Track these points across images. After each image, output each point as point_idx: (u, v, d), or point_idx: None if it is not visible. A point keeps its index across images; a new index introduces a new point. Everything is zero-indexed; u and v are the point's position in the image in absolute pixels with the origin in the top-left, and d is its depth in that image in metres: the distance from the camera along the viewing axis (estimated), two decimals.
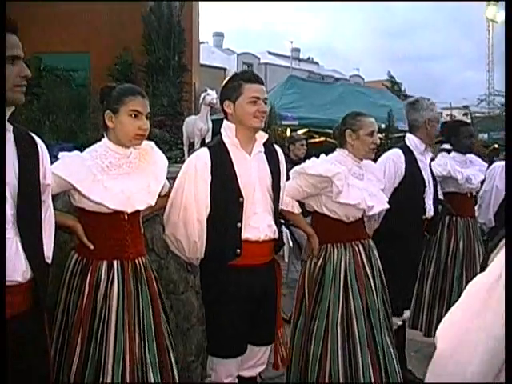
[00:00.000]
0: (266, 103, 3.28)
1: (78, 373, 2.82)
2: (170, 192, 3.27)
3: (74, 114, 9.99)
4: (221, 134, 3.35)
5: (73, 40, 12.22)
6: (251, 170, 3.29)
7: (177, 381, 3.04)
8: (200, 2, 15.34)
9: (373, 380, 3.59)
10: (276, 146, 3.54)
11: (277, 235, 3.38)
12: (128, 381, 2.82)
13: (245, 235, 3.24)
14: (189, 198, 3.21)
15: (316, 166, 3.73)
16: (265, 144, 3.39)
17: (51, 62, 10.91)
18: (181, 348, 4.16)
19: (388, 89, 22.67)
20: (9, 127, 2.30)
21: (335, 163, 3.76)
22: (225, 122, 3.36)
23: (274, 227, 3.35)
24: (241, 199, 3.22)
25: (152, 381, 2.88)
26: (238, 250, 3.21)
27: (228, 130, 3.31)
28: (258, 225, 3.28)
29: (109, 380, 2.79)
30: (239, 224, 3.22)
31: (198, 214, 3.22)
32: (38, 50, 9.29)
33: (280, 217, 3.53)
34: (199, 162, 3.24)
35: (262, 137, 3.36)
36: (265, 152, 3.38)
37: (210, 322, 3.41)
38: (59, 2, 12.54)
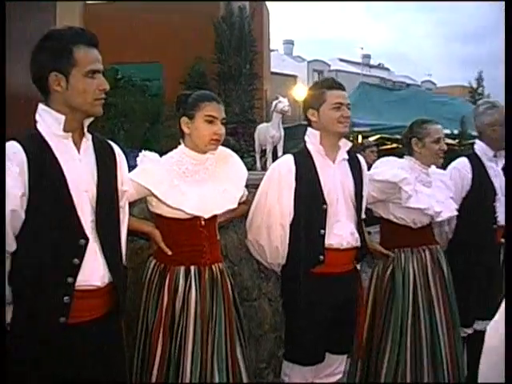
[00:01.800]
0: (349, 109, 3.29)
1: (159, 376, 2.86)
2: (247, 199, 3.29)
3: (148, 123, 10.18)
4: (305, 141, 3.36)
5: (147, 51, 12.48)
6: (335, 177, 3.30)
7: None
8: (270, 11, 15.38)
9: None
10: (358, 155, 3.53)
11: (359, 243, 3.36)
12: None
13: (328, 242, 3.23)
14: (272, 204, 3.24)
15: (383, 171, 3.71)
16: (348, 152, 3.38)
17: (126, 73, 11.16)
18: (253, 354, 4.16)
19: (469, 93, 22.08)
20: (88, 136, 2.36)
21: (403, 169, 3.71)
22: (309, 129, 3.38)
23: (357, 235, 3.34)
24: (324, 206, 3.23)
25: None
26: (321, 257, 3.21)
27: (312, 137, 3.33)
28: (341, 232, 3.27)
29: (187, 381, 2.82)
30: (322, 231, 3.22)
31: (282, 220, 3.25)
32: (114, 61, 9.54)
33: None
34: (284, 168, 3.27)
35: (345, 144, 3.37)
36: (348, 160, 3.38)
37: (289, 328, 3.41)
38: (133, 14, 12.82)
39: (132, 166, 2.90)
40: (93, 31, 2.36)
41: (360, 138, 11.47)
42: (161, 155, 3.06)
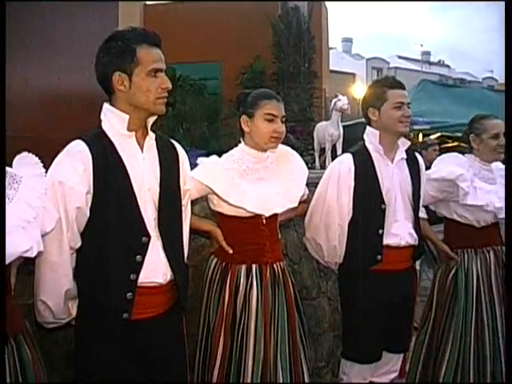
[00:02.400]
0: (409, 108, 3.27)
1: (221, 374, 2.88)
2: (307, 198, 3.29)
3: (207, 122, 10.27)
4: (364, 140, 3.34)
5: (205, 50, 12.58)
6: (393, 176, 3.29)
7: None
8: (329, 8, 15.31)
9: None
10: (417, 154, 3.49)
11: (417, 242, 3.34)
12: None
13: (385, 242, 3.23)
14: (331, 203, 3.24)
15: (440, 169, 3.68)
16: (406, 151, 3.37)
17: (185, 72, 11.27)
18: (312, 353, 4.15)
19: None
20: (151, 135, 2.39)
21: (459, 166, 3.65)
22: (368, 128, 3.37)
23: (415, 235, 3.32)
24: (383, 206, 3.22)
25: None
26: (379, 257, 3.21)
27: (372, 137, 3.32)
28: (398, 232, 3.27)
29: (248, 380, 2.84)
30: (381, 231, 3.21)
31: (340, 219, 3.25)
32: (173, 61, 9.65)
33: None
34: (343, 167, 3.26)
35: (404, 143, 3.35)
36: (406, 159, 3.36)
37: (347, 326, 3.42)
38: (192, 14, 12.93)
39: (191, 165, 2.92)
40: (154, 31, 2.39)
41: (420, 136, 11.31)
42: (220, 154, 3.08)
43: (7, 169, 2.05)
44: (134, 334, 2.28)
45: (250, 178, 2.96)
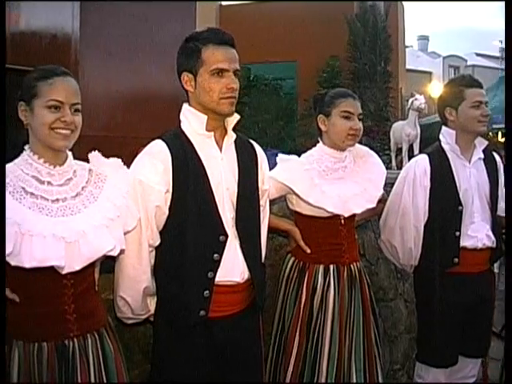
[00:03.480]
0: (487, 106, 3.18)
1: (295, 373, 2.88)
2: (384, 198, 3.25)
3: (282, 121, 10.29)
4: (439, 141, 3.28)
5: (281, 50, 12.61)
6: (470, 177, 3.21)
7: None
8: (405, 7, 15.10)
9: None
10: (495, 154, 3.40)
11: (494, 244, 3.25)
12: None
13: (462, 244, 3.16)
14: (407, 204, 3.19)
15: None
16: (483, 150, 3.28)
17: (260, 72, 11.33)
18: (387, 355, 4.11)
19: None
20: (231, 135, 2.40)
21: None
22: (444, 128, 3.30)
23: (493, 237, 3.23)
24: (460, 208, 3.15)
25: None
26: (456, 259, 3.14)
27: (448, 137, 3.25)
28: (476, 234, 3.18)
29: (323, 380, 2.84)
30: (457, 233, 3.15)
31: (416, 221, 3.19)
32: (249, 61, 9.71)
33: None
34: (418, 169, 3.21)
35: (481, 143, 3.26)
36: (484, 159, 3.27)
37: (423, 329, 3.36)
38: (268, 14, 12.99)
39: (268, 164, 2.93)
40: (229, 31, 2.40)
41: (500, 135, 11.03)
42: (296, 153, 3.08)
43: (93, 168, 2.12)
44: (210, 331, 2.30)
45: (330, 178, 2.96)
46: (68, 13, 3.74)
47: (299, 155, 3.06)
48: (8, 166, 1.99)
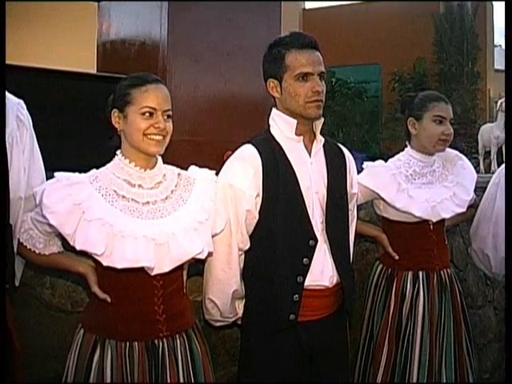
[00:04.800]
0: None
1: (384, 381, 2.86)
2: (475, 202, 3.17)
3: (366, 125, 10.20)
4: None
5: (364, 52, 12.50)
6: None
7: None
8: (494, 5, 14.69)
9: None
10: None
11: None
12: None
13: None
14: (500, 212, 3.06)
15: None
16: None
17: (344, 75, 11.26)
18: (475, 364, 4.01)
19: None
20: (320, 139, 2.40)
21: None
22: None
23: None
24: None
25: None
26: None
27: None
28: None
29: None
30: None
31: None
32: (332, 64, 9.66)
33: None
34: None
35: None
36: None
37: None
38: (351, 17, 12.91)
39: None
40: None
41: None
42: (380, 157, 3.04)
43: (182, 172, 2.16)
44: (299, 335, 2.30)
45: (417, 183, 2.91)
46: (156, 20, 3.82)
47: (383, 159, 3.03)
48: (101, 170, 2.06)
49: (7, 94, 2.07)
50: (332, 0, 14.77)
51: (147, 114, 1.99)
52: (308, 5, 15.23)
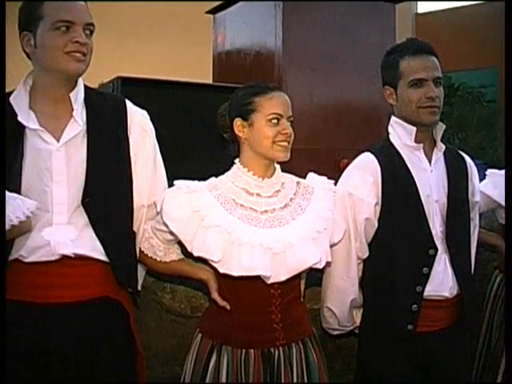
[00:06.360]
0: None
1: None
2: None
3: (484, 131, 9.86)
4: None
5: (480, 55, 12.12)
6: None
7: None
8: None
9: None
10: None
11: None
12: None
13: None
14: None
15: None
16: None
17: (460, 80, 10.96)
18: None
19: None
20: (441, 147, 2.36)
21: None
22: None
23: None
24: None
25: None
26: None
27: None
28: None
29: None
30: None
31: None
32: (448, 69, 9.43)
33: None
34: None
35: None
36: None
37: None
38: (465, 19, 12.54)
39: None
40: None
41: None
42: (498, 164, 2.94)
43: (301, 180, 2.17)
44: (416, 345, 2.27)
45: None
46: (271, 30, 3.87)
47: (501, 166, 2.92)
48: (220, 179, 2.10)
49: (132, 105, 2.16)
50: (447, 0, 14.35)
51: (274, 121, 2.02)
52: (420, 8, 14.94)
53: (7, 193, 1.86)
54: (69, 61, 1.96)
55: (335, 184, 2.25)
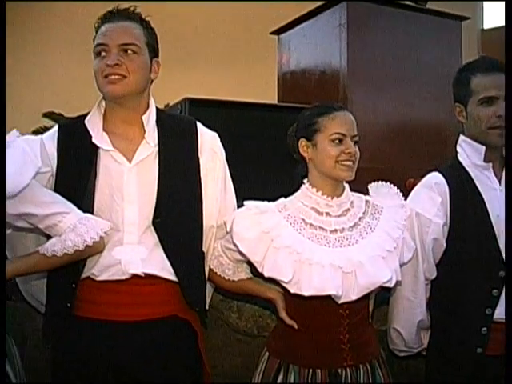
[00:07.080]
0: None
1: None
2: None
3: None
4: None
5: None
6: None
7: None
8: None
9: None
10: None
11: None
12: None
13: None
14: None
15: None
16: None
17: None
18: None
19: None
20: None
21: None
22: None
23: None
24: None
25: None
26: None
27: None
28: None
29: None
30: None
31: None
32: None
33: None
34: None
35: None
36: None
37: None
38: None
39: None
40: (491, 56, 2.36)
41: None
42: None
43: (369, 199, 2.17)
44: (484, 369, 2.20)
45: None
46: (336, 50, 3.88)
47: None
48: (289, 199, 2.12)
49: (202, 127, 2.20)
50: None
51: (337, 141, 2.03)
52: (487, 24, 14.70)
53: (80, 213, 1.92)
54: (105, 84, 2.03)
55: None
